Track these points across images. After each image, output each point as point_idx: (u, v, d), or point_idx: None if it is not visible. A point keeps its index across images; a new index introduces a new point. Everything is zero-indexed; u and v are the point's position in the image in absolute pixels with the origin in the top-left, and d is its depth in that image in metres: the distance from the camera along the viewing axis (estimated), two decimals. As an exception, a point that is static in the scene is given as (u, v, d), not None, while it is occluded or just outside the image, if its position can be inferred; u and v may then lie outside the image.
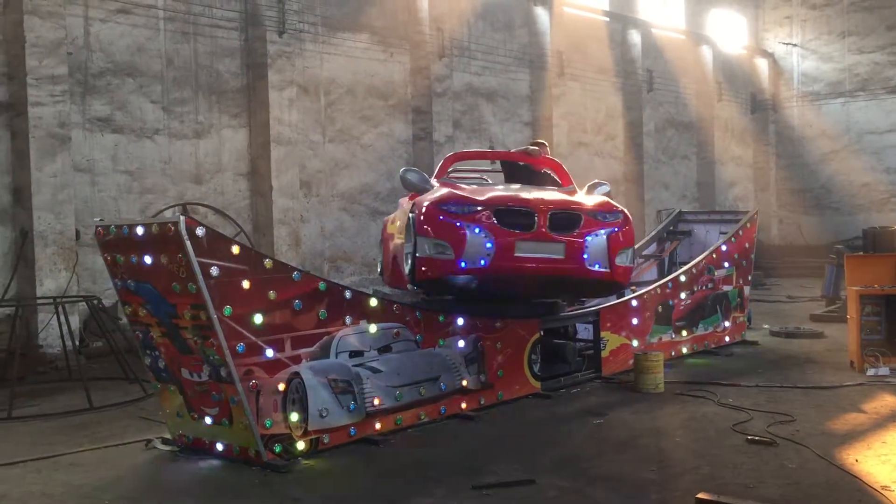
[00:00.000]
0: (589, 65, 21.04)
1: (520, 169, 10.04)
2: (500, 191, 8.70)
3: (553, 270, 7.89)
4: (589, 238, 7.94)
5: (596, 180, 9.26)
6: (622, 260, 8.13)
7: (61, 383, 9.89)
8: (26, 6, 11.27)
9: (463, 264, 7.73)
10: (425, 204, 8.08)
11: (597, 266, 7.96)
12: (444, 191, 8.44)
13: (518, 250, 7.78)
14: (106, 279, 7.48)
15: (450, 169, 10.09)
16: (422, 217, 7.95)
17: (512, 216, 7.91)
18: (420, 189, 8.80)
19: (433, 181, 9.25)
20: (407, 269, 8.27)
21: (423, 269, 7.90)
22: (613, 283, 8.37)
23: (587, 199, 8.60)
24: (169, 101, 13.27)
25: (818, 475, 6.03)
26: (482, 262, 7.71)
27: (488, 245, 7.72)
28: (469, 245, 7.71)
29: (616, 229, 8.11)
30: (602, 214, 8.19)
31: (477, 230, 7.75)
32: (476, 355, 8.20)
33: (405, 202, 9.45)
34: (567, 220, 8.03)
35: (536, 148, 10.20)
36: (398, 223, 9.41)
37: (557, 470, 6.29)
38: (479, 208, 7.90)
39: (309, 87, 15.15)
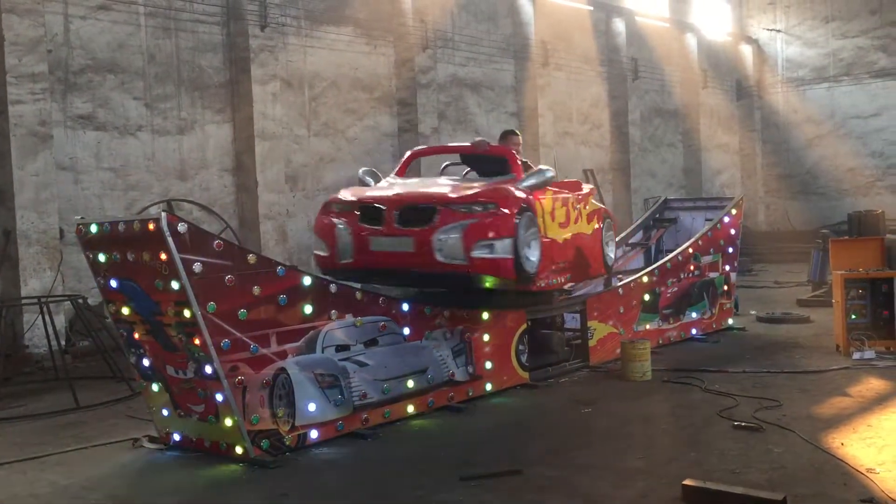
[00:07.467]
0: (573, 54, 21.02)
1: (480, 160, 9.45)
2: (398, 188, 8.55)
3: (404, 264, 7.86)
4: (441, 230, 7.67)
5: (540, 166, 9.00)
6: (481, 252, 7.62)
7: (48, 383, 9.83)
8: (4, 4, 11.12)
9: (339, 260, 8.11)
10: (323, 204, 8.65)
11: (451, 259, 7.64)
12: (344, 191, 8.70)
13: (373, 245, 7.95)
14: (91, 278, 7.42)
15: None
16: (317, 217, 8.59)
17: (370, 212, 8.04)
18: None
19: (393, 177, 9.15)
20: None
21: (316, 263, 8.56)
22: (472, 276, 7.79)
23: (481, 189, 8.08)
24: (151, 98, 13.17)
25: (804, 459, 6.07)
26: (349, 257, 8.07)
27: (350, 241, 8.05)
28: (339, 242, 8.09)
29: (477, 220, 7.67)
30: (466, 206, 7.76)
31: (343, 227, 8.08)
32: (463, 347, 8.21)
33: None
34: (419, 213, 7.82)
35: (481, 139, 9.63)
36: None
37: (545, 460, 6.30)
38: (350, 207, 8.19)
39: (293, 80, 15.07)
